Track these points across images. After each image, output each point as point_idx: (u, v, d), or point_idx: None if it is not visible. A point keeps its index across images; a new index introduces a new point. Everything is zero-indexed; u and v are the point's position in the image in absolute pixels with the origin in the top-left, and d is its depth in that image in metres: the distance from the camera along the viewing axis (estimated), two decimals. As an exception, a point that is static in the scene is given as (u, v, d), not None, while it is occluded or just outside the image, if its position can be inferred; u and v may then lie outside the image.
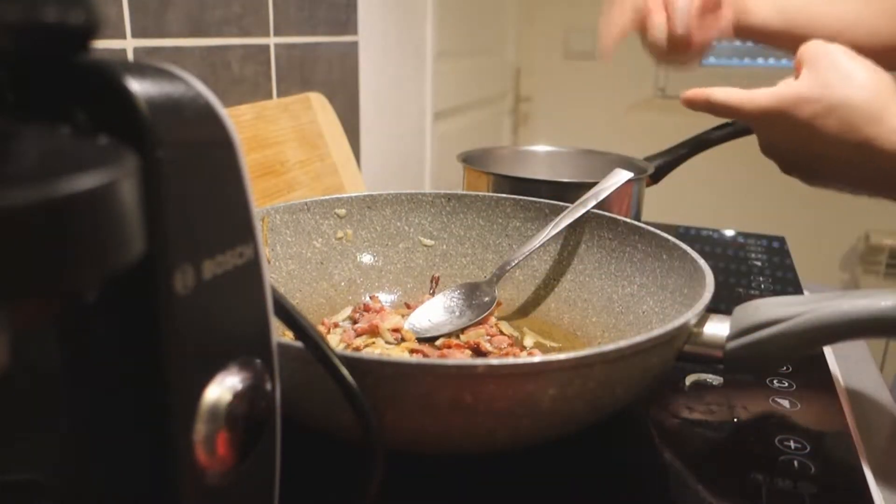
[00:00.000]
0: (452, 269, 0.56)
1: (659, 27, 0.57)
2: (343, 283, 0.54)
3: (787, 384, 0.46)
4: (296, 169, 0.71)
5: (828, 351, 0.53)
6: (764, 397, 0.44)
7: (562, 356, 0.29)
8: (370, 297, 0.54)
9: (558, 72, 2.00)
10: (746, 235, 0.81)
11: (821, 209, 1.74)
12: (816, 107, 0.44)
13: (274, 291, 0.23)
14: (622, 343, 0.30)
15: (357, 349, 0.46)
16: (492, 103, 1.73)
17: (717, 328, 0.37)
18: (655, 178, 0.70)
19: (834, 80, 0.44)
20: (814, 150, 0.46)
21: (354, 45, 0.93)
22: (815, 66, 0.46)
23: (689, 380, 0.45)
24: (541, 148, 0.78)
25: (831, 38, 0.48)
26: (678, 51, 0.56)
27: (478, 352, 0.46)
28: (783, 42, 0.59)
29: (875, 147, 0.43)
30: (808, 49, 0.47)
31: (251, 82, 0.74)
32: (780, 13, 0.56)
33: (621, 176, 0.55)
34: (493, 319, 0.51)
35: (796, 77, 0.47)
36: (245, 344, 0.21)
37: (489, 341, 0.48)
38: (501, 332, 0.50)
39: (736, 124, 0.65)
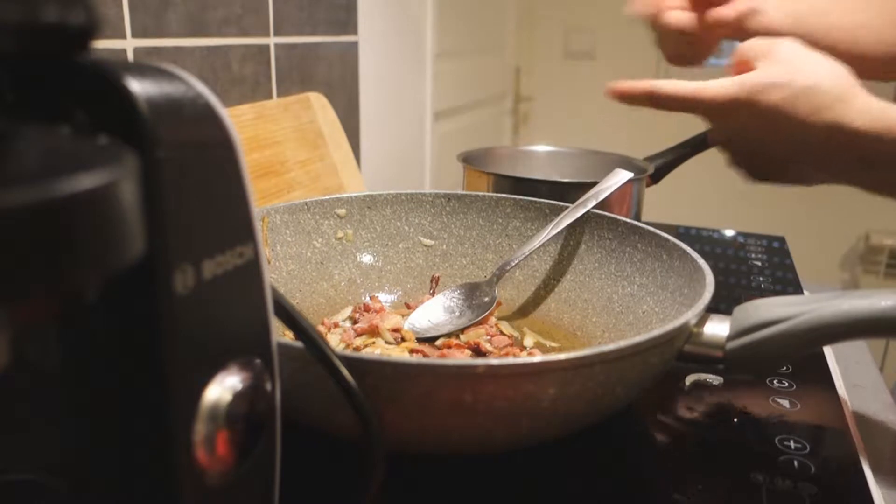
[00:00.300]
0: (452, 269, 0.56)
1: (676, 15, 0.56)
2: (343, 283, 0.54)
3: (787, 384, 0.46)
4: (296, 169, 0.71)
5: (828, 351, 0.52)
6: (764, 397, 0.44)
7: (562, 356, 0.29)
8: (370, 297, 0.54)
9: (558, 72, 2.00)
10: (746, 235, 0.81)
11: (821, 209, 1.75)
12: (785, 91, 0.44)
13: (274, 291, 0.23)
14: (622, 343, 0.30)
15: (357, 349, 0.46)
16: (492, 103, 1.73)
17: (717, 328, 0.37)
18: (655, 178, 0.70)
19: (801, 65, 0.45)
20: (782, 136, 0.46)
21: (354, 45, 0.93)
22: (774, 57, 0.46)
23: (689, 380, 0.45)
24: (541, 148, 0.78)
25: (844, 46, 0.48)
26: (691, 44, 0.55)
27: (478, 352, 0.46)
28: None
29: (845, 126, 0.43)
30: (757, 45, 0.47)
31: (251, 82, 0.74)
32: (793, 19, 0.55)
33: (621, 176, 0.55)
34: (493, 319, 0.51)
35: (739, 73, 0.47)
36: (245, 344, 0.21)
37: (489, 341, 0.48)
38: (501, 332, 0.50)
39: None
